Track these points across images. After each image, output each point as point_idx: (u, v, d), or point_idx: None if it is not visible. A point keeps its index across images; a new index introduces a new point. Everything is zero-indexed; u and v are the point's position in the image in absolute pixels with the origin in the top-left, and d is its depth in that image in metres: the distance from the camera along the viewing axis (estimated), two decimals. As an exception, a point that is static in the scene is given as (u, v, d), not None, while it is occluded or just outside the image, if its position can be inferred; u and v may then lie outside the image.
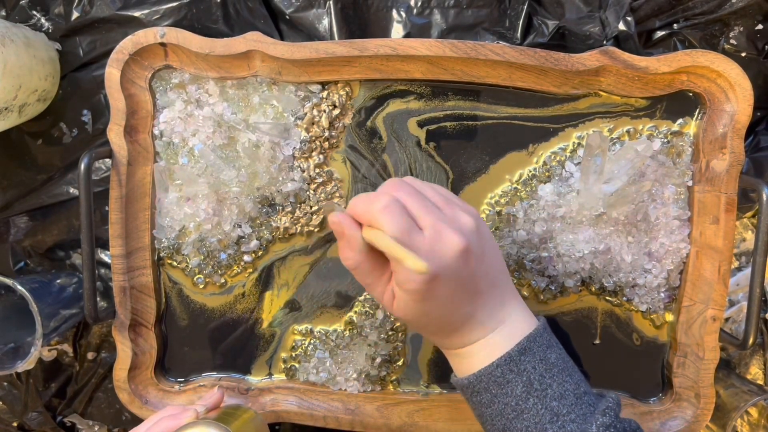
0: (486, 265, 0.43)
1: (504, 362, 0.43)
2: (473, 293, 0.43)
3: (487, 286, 0.44)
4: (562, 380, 0.43)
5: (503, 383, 0.43)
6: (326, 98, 0.55)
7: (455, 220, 0.42)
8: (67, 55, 0.58)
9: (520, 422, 0.42)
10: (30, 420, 0.63)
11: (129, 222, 0.55)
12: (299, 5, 0.56)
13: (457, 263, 0.41)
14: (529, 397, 0.42)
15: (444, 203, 0.43)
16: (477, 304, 0.43)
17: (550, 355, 0.44)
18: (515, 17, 0.56)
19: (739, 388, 0.55)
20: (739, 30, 0.56)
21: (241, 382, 0.58)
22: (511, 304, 0.45)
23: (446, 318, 0.43)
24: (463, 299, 0.43)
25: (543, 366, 0.43)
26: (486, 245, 0.44)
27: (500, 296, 0.45)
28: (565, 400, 0.42)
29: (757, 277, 0.50)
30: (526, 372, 0.43)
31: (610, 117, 0.54)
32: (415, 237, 0.40)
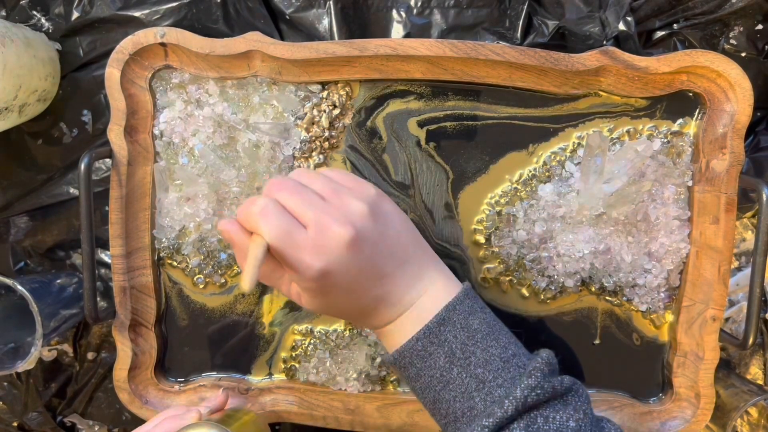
0: (389, 246, 0.43)
1: (423, 335, 0.42)
2: (378, 276, 0.42)
3: (395, 266, 0.43)
4: (486, 346, 0.42)
5: (425, 356, 0.42)
6: (326, 98, 0.55)
7: (342, 209, 0.41)
8: (67, 55, 0.58)
9: (447, 393, 0.42)
10: (30, 420, 0.63)
11: (129, 222, 0.55)
12: (299, 5, 0.56)
13: (347, 254, 0.40)
14: (452, 367, 0.42)
15: (332, 193, 0.42)
16: (386, 286, 0.43)
17: (473, 322, 0.43)
18: (515, 17, 0.56)
19: (739, 388, 0.55)
20: (739, 30, 0.56)
21: (241, 382, 0.58)
22: (430, 275, 0.44)
23: (355, 305, 0.43)
24: (368, 285, 0.42)
25: (465, 334, 0.42)
26: (387, 226, 0.43)
27: (415, 271, 0.44)
28: (491, 366, 0.41)
29: (757, 277, 0.50)
30: (447, 342, 0.42)
31: (610, 117, 0.54)
32: (297, 236, 0.40)
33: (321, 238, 0.40)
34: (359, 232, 0.41)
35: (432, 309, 0.43)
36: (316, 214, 0.40)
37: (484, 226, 0.56)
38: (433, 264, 0.45)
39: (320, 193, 0.42)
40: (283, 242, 0.39)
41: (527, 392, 0.39)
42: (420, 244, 0.45)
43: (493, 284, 0.56)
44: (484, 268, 0.56)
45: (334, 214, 0.40)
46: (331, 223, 0.40)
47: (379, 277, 0.43)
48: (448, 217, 0.56)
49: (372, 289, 0.43)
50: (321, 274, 0.40)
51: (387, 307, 0.43)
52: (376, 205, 0.43)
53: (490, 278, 0.56)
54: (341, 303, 0.43)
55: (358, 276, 0.42)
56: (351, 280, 0.41)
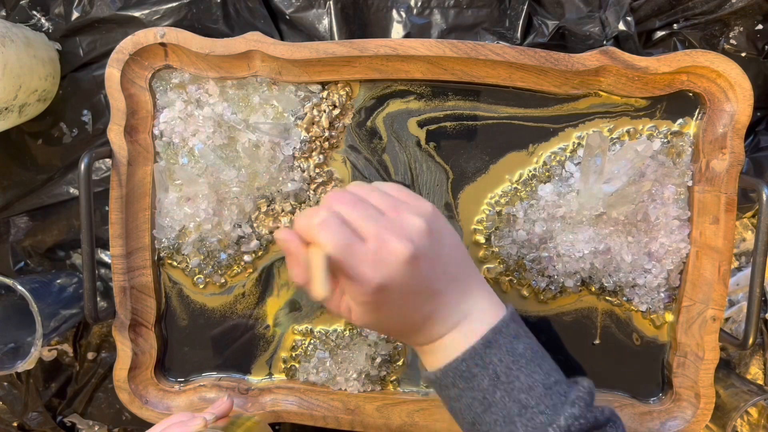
0: (443, 264, 0.43)
1: (468, 356, 0.42)
2: (430, 294, 0.42)
3: (446, 283, 0.43)
4: (530, 371, 0.42)
5: (469, 377, 0.42)
6: (326, 98, 0.55)
7: (402, 225, 0.41)
8: (67, 55, 0.58)
9: (489, 416, 0.42)
10: (30, 420, 0.63)
11: (129, 222, 0.55)
12: (299, 5, 0.56)
13: (405, 270, 0.40)
14: (495, 390, 0.41)
15: (390, 208, 0.42)
16: (437, 303, 0.43)
17: (518, 346, 0.43)
18: (515, 17, 0.56)
19: (739, 388, 0.55)
20: (739, 30, 0.56)
21: (241, 382, 0.58)
22: (476, 295, 0.44)
23: (405, 321, 0.43)
24: (420, 301, 0.42)
25: (510, 358, 0.42)
26: (441, 244, 0.43)
27: (463, 289, 0.44)
28: (534, 392, 0.41)
29: (757, 277, 0.50)
30: (492, 365, 0.42)
31: (610, 117, 0.54)
32: (357, 249, 0.40)
33: (381, 252, 0.40)
34: (418, 248, 0.40)
35: (478, 330, 0.43)
36: (376, 228, 0.40)
37: (484, 226, 0.56)
38: (480, 284, 0.45)
39: (379, 208, 0.42)
40: (343, 254, 0.39)
41: (571, 421, 0.40)
42: (468, 263, 0.45)
43: (493, 284, 0.56)
44: (484, 268, 0.56)
45: (393, 229, 0.40)
46: (391, 238, 0.40)
47: (432, 294, 0.42)
48: (448, 217, 0.56)
49: (423, 306, 0.43)
50: (378, 288, 0.40)
51: (434, 324, 0.43)
52: (433, 222, 0.42)
53: (490, 278, 0.56)
54: (392, 318, 0.43)
55: (413, 292, 0.42)
56: (405, 296, 0.41)
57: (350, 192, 0.43)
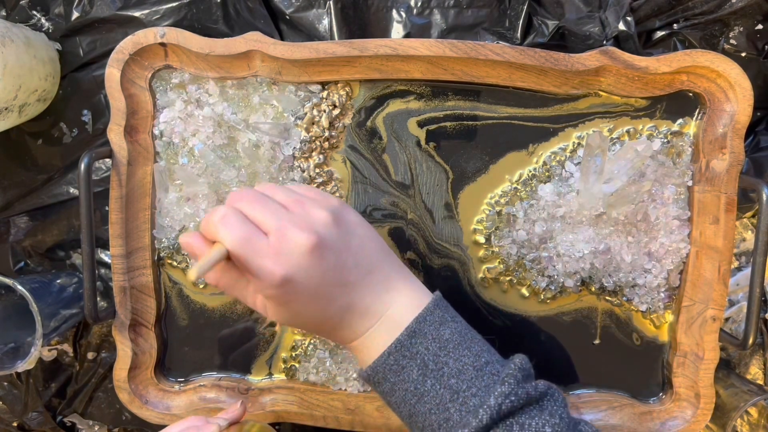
0: (353, 255, 0.43)
1: (395, 349, 0.42)
2: (342, 284, 0.42)
3: (360, 276, 0.43)
4: (458, 355, 0.42)
5: (398, 370, 0.42)
6: (326, 98, 0.55)
7: (305, 218, 0.41)
8: (68, 55, 0.58)
9: (423, 405, 0.41)
10: (30, 420, 0.63)
11: (129, 222, 0.55)
12: (299, 5, 0.56)
13: (309, 261, 0.40)
14: (426, 379, 0.41)
15: (294, 203, 0.42)
16: (352, 295, 0.43)
17: (444, 332, 0.42)
18: (515, 17, 0.56)
19: (739, 388, 0.55)
20: (739, 30, 0.56)
21: (241, 382, 0.58)
22: (397, 286, 0.44)
23: (321, 314, 0.43)
24: (333, 293, 0.42)
25: (436, 345, 0.42)
26: (350, 235, 0.43)
27: (382, 281, 0.44)
28: (464, 375, 0.41)
29: (757, 277, 0.50)
30: (419, 354, 0.42)
31: (610, 117, 0.54)
32: (258, 243, 0.40)
33: (282, 244, 0.40)
34: (321, 238, 0.41)
35: (402, 321, 0.43)
36: (277, 221, 0.40)
37: (484, 226, 0.56)
38: (402, 275, 0.45)
39: (283, 204, 0.42)
40: (244, 249, 0.40)
41: (501, 400, 0.39)
42: (387, 255, 0.45)
43: (493, 284, 0.56)
44: (484, 268, 0.56)
45: (295, 221, 0.41)
46: (293, 229, 0.40)
47: (343, 285, 0.42)
48: (448, 217, 0.56)
49: (337, 297, 0.42)
50: (283, 280, 0.40)
51: (354, 318, 0.43)
52: (340, 214, 0.43)
53: (490, 278, 0.56)
54: (307, 312, 0.42)
55: (322, 283, 0.41)
56: (315, 288, 0.41)
57: (254, 189, 0.43)
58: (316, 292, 0.41)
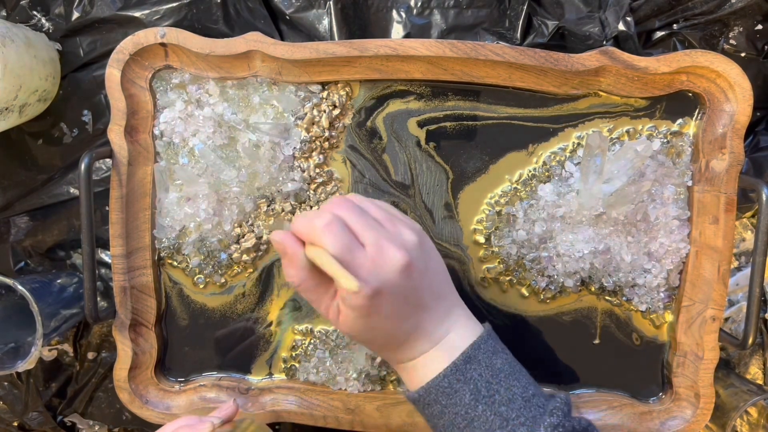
0: (429, 279, 0.44)
1: (450, 372, 0.43)
2: (417, 306, 0.44)
3: (431, 299, 0.44)
4: (509, 385, 0.43)
5: (451, 393, 0.43)
6: (326, 98, 0.55)
7: (398, 236, 0.43)
8: (68, 56, 0.58)
9: (472, 430, 0.43)
10: (30, 420, 0.63)
11: (129, 222, 0.55)
12: (299, 5, 0.56)
13: (399, 278, 0.42)
14: (477, 404, 0.42)
15: (387, 219, 0.44)
16: (422, 317, 0.44)
17: (496, 361, 0.44)
18: (515, 17, 0.56)
19: (739, 387, 0.55)
20: (738, 30, 0.56)
21: (241, 382, 0.58)
22: (456, 313, 0.46)
23: (392, 332, 0.44)
24: (408, 312, 0.43)
25: (489, 372, 0.43)
26: (429, 260, 0.45)
27: (445, 308, 0.45)
28: (514, 404, 0.42)
29: (757, 277, 0.50)
30: (473, 380, 0.43)
31: (609, 117, 0.54)
32: (357, 253, 0.41)
33: (378, 258, 0.41)
34: (412, 258, 0.42)
35: (458, 347, 0.44)
36: (374, 235, 0.42)
37: (484, 226, 0.56)
38: (459, 303, 0.47)
39: (377, 219, 0.44)
40: (345, 257, 0.41)
41: (550, 430, 0.41)
42: (450, 283, 0.47)
43: (493, 284, 0.56)
44: (484, 268, 0.56)
45: (391, 238, 0.42)
46: (389, 245, 0.42)
47: (417, 307, 0.44)
48: (448, 217, 0.56)
49: (409, 318, 0.44)
50: (374, 293, 0.41)
51: (418, 339, 0.44)
52: (424, 238, 0.45)
53: (490, 278, 0.56)
54: (381, 327, 0.44)
55: (402, 302, 0.43)
56: (395, 306, 0.43)
57: (351, 200, 0.44)
58: (395, 309, 0.43)
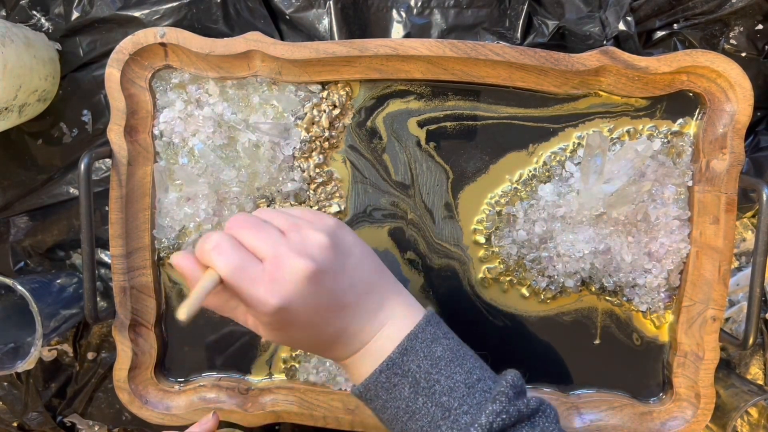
0: (349, 277, 0.42)
1: (386, 367, 0.42)
2: (339, 309, 0.42)
3: (356, 297, 0.43)
4: (450, 373, 0.41)
5: (390, 388, 0.42)
6: (326, 98, 0.55)
7: (302, 243, 0.40)
8: (67, 55, 0.58)
9: (414, 423, 0.41)
10: (30, 420, 0.63)
11: (129, 222, 0.55)
12: (299, 5, 0.56)
13: (306, 287, 0.40)
14: (417, 397, 0.41)
15: (292, 227, 0.41)
16: (347, 318, 0.42)
17: (436, 349, 0.42)
18: (515, 17, 0.56)
19: (739, 388, 0.55)
20: (739, 30, 0.56)
21: (241, 382, 0.58)
22: (391, 305, 0.44)
23: (316, 338, 0.42)
24: (328, 317, 0.42)
25: (428, 362, 0.42)
26: (348, 256, 0.42)
27: (376, 302, 0.43)
28: (456, 393, 0.41)
29: (757, 277, 0.50)
30: (411, 372, 0.41)
31: (610, 117, 0.54)
32: (252, 270, 0.39)
33: (277, 271, 0.39)
34: (318, 264, 0.40)
35: (395, 339, 0.42)
36: (273, 247, 0.40)
37: (484, 226, 0.56)
38: (396, 292, 0.45)
39: (280, 228, 0.41)
40: (237, 276, 0.39)
41: (492, 418, 0.39)
42: (383, 273, 0.45)
43: (493, 284, 0.56)
44: (484, 268, 0.56)
45: (292, 247, 0.40)
46: (289, 255, 0.39)
47: (340, 309, 0.42)
48: (448, 217, 0.56)
49: (332, 321, 0.42)
50: (278, 309, 0.39)
51: (348, 339, 0.43)
52: (337, 237, 0.42)
53: (490, 278, 0.56)
54: (301, 336, 0.42)
55: (318, 309, 0.41)
56: (311, 314, 0.41)
57: (251, 215, 0.42)
58: (311, 318, 0.41)
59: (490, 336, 0.56)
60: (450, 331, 0.45)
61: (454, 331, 0.45)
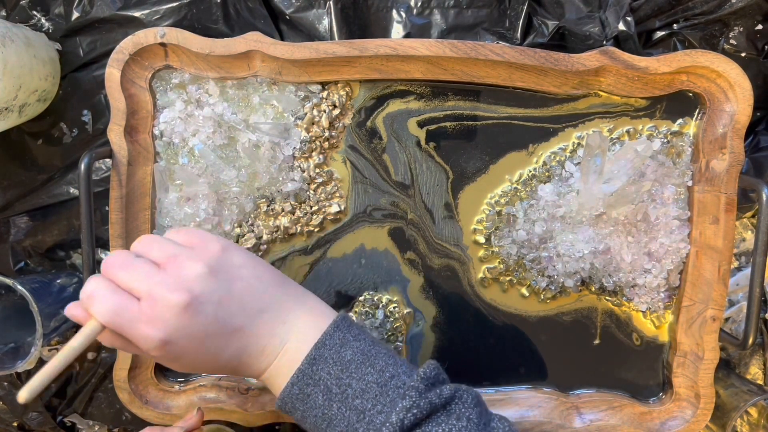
0: (237, 301, 0.42)
1: (297, 379, 0.42)
2: (230, 333, 0.42)
3: (249, 318, 0.42)
4: (362, 374, 0.41)
5: (304, 398, 0.42)
6: (326, 98, 0.55)
7: (177, 276, 0.40)
8: (68, 55, 0.58)
9: (333, 429, 0.41)
10: (30, 420, 0.63)
11: (129, 222, 0.55)
12: (299, 5, 0.56)
13: (185, 319, 0.40)
14: (331, 403, 0.41)
15: (168, 260, 0.41)
16: (243, 340, 0.42)
17: (345, 353, 0.42)
18: (515, 17, 0.56)
19: (739, 388, 0.55)
20: (739, 30, 0.56)
21: (241, 382, 0.58)
22: (293, 316, 0.44)
23: (215, 363, 0.42)
24: (221, 343, 0.41)
25: (338, 368, 0.41)
26: (233, 280, 0.42)
27: (276, 317, 0.43)
28: (368, 394, 0.41)
29: (757, 277, 0.50)
30: (322, 380, 0.41)
31: (609, 117, 0.54)
32: (130, 310, 0.39)
33: (154, 308, 0.39)
34: (194, 295, 0.40)
35: (302, 350, 0.42)
36: (147, 285, 0.40)
37: (484, 226, 0.56)
38: (299, 303, 0.44)
39: (156, 261, 0.41)
40: (117, 320, 0.39)
41: (403, 414, 0.39)
42: (280, 286, 0.44)
43: (493, 284, 0.56)
44: (484, 268, 0.56)
45: (167, 282, 0.40)
46: (163, 291, 0.39)
47: (231, 333, 0.42)
48: (448, 217, 0.56)
49: (227, 345, 0.42)
50: (161, 344, 0.39)
51: (252, 358, 0.43)
52: (218, 262, 0.42)
53: (490, 278, 0.56)
54: (200, 363, 0.42)
55: (205, 338, 0.41)
56: (198, 343, 0.41)
57: (126, 252, 0.42)
58: (200, 346, 0.41)
59: (490, 336, 0.56)
60: (363, 332, 0.44)
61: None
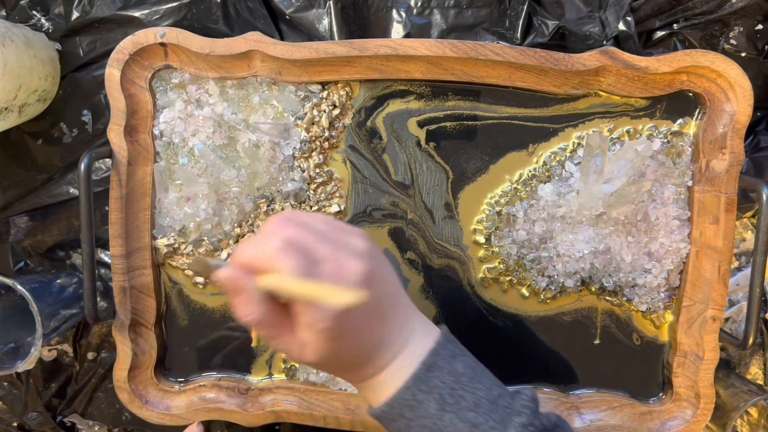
0: (386, 286, 0.42)
1: (412, 383, 0.41)
2: (380, 318, 0.41)
3: (390, 307, 0.42)
4: (473, 388, 0.41)
5: (415, 405, 0.41)
6: (326, 98, 0.55)
7: (351, 245, 0.39)
8: (67, 55, 0.58)
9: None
10: (30, 420, 0.63)
11: (129, 222, 0.55)
12: (299, 5, 0.56)
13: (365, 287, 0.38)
14: (444, 413, 0.40)
15: (334, 231, 0.40)
16: (385, 328, 0.42)
17: (457, 366, 0.42)
18: (515, 17, 0.56)
19: (739, 388, 0.55)
20: (739, 30, 0.56)
21: (241, 382, 0.58)
22: (413, 320, 0.43)
23: (359, 350, 0.41)
24: (372, 326, 0.41)
25: (452, 378, 0.41)
26: (384, 265, 0.42)
27: (402, 314, 0.43)
28: (481, 408, 0.41)
29: (757, 277, 0.50)
30: (437, 388, 0.41)
31: (610, 117, 0.54)
32: (317, 272, 0.38)
33: (338, 272, 0.38)
34: (371, 266, 0.39)
35: (418, 355, 0.42)
36: (329, 248, 0.38)
37: (484, 226, 0.56)
38: (413, 307, 0.44)
39: (323, 232, 0.40)
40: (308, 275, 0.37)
41: (520, 430, 0.39)
42: (402, 288, 0.44)
43: (493, 284, 0.56)
44: (484, 268, 0.56)
45: (345, 249, 0.39)
46: (346, 257, 0.38)
47: (381, 317, 0.41)
48: (448, 217, 0.56)
49: (375, 330, 0.41)
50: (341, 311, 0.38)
51: (382, 352, 0.42)
52: (373, 245, 0.42)
53: (490, 278, 0.56)
54: (347, 347, 0.41)
55: (368, 315, 0.40)
56: (361, 320, 0.40)
57: (292, 217, 0.40)
58: (361, 325, 0.40)
59: (490, 336, 0.56)
60: (465, 348, 0.45)
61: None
